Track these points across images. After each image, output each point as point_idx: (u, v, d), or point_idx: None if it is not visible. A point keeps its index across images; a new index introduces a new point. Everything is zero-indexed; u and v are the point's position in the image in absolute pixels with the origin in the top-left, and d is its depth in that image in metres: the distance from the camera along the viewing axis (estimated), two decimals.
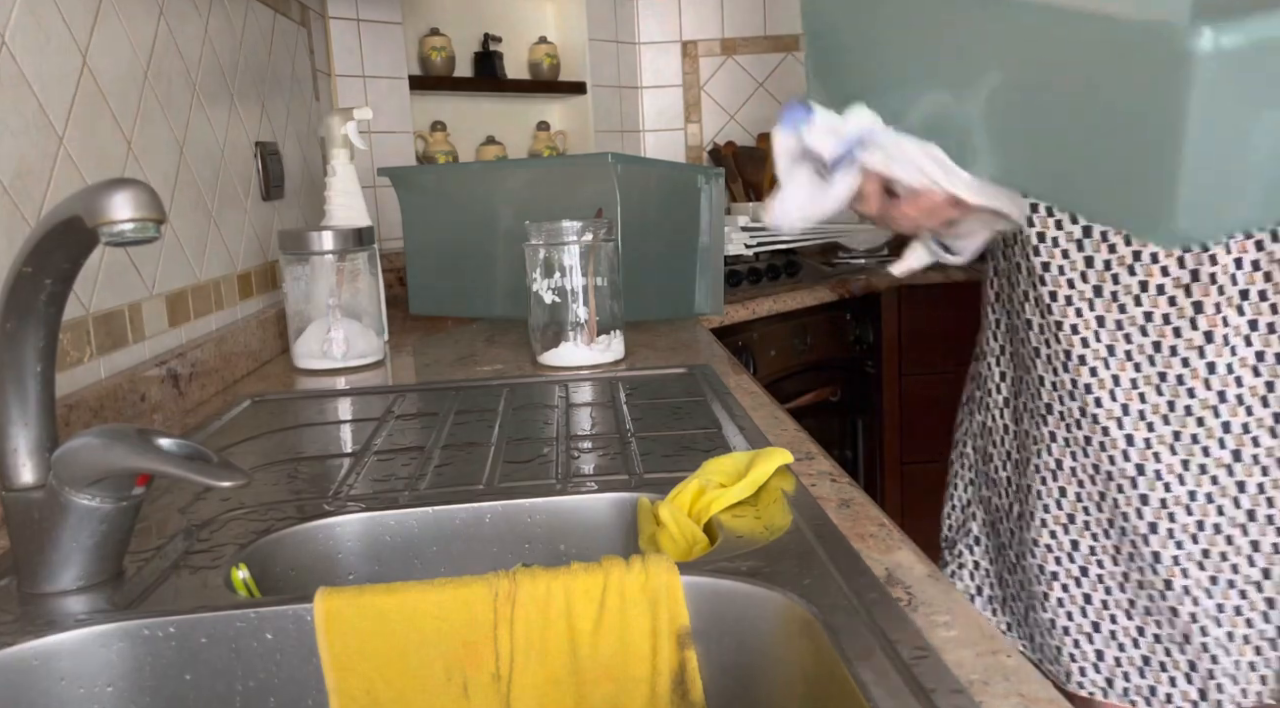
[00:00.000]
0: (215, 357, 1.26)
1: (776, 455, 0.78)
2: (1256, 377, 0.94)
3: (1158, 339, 0.96)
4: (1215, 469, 0.96)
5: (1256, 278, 0.93)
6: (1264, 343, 0.94)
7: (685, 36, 2.91)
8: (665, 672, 0.59)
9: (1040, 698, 0.46)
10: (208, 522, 0.76)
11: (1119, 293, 0.97)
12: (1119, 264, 0.97)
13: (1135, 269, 0.96)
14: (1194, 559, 0.97)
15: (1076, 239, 0.98)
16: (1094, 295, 0.99)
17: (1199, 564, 0.97)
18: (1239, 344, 0.94)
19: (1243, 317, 0.94)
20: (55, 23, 0.95)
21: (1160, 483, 0.97)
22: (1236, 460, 0.95)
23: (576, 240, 1.28)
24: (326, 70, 2.08)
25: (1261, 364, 0.94)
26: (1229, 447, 0.95)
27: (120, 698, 0.59)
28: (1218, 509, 0.96)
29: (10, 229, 0.85)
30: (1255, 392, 0.95)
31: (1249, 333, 0.94)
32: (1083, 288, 1.00)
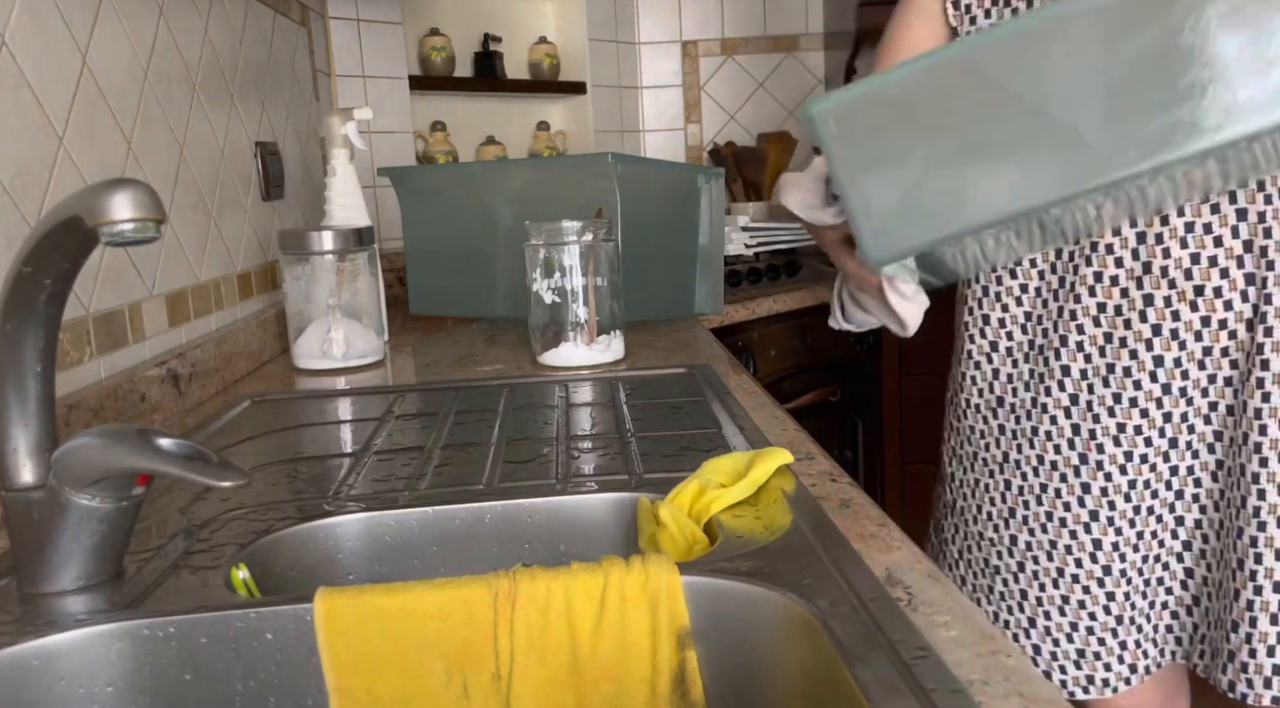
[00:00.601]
0: (215, 357, 1.26)
1: (776, 455, 0.78)
2: (1201, 369, 0.98)
3: (1109, 330, 1.00)
4: (1154, 457, 1.02)
5: (1212, 274, 0.96)
6: (1214, 338, 0.97)
7: (685, 36, 2.91)
8: (665, 672, 0.59)
9: (1040, 698, 0.46)
10: (208, 522, 0.76)
11: (1075, 283, 1.00)
12: (1078, 255, 1.00)
13: (1091, 260, 1.00)
14: (1130, 542, 1.03)
15: None
16: (1058, 286, 1.02)
17: (1134, 546, 1.03)
18: (1189, 339, 0.97)
19: (1195, 313, 0.97)
20: (55, 23, 0.95)
21: (1101, 473, 1.02)
22: (1173, 447, 1.01)
23: (576, 240, 1.28)
24: (326, 70, 2.08)
25: (1208, 359, 0.97)
26: (1168, 435, 1.01)
27: (120, 698, 0.59)
28: (1152, 493, 1.02)
29: (10, 229, 0.85)
30: (1198, 383, 0.99)
31: (1200, 329, 0.97)
32: (1049, 280, 1.03)
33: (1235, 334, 0.98)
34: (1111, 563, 1.04)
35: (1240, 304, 0.97)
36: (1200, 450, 1.02)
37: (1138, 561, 1.04)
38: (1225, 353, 0.98)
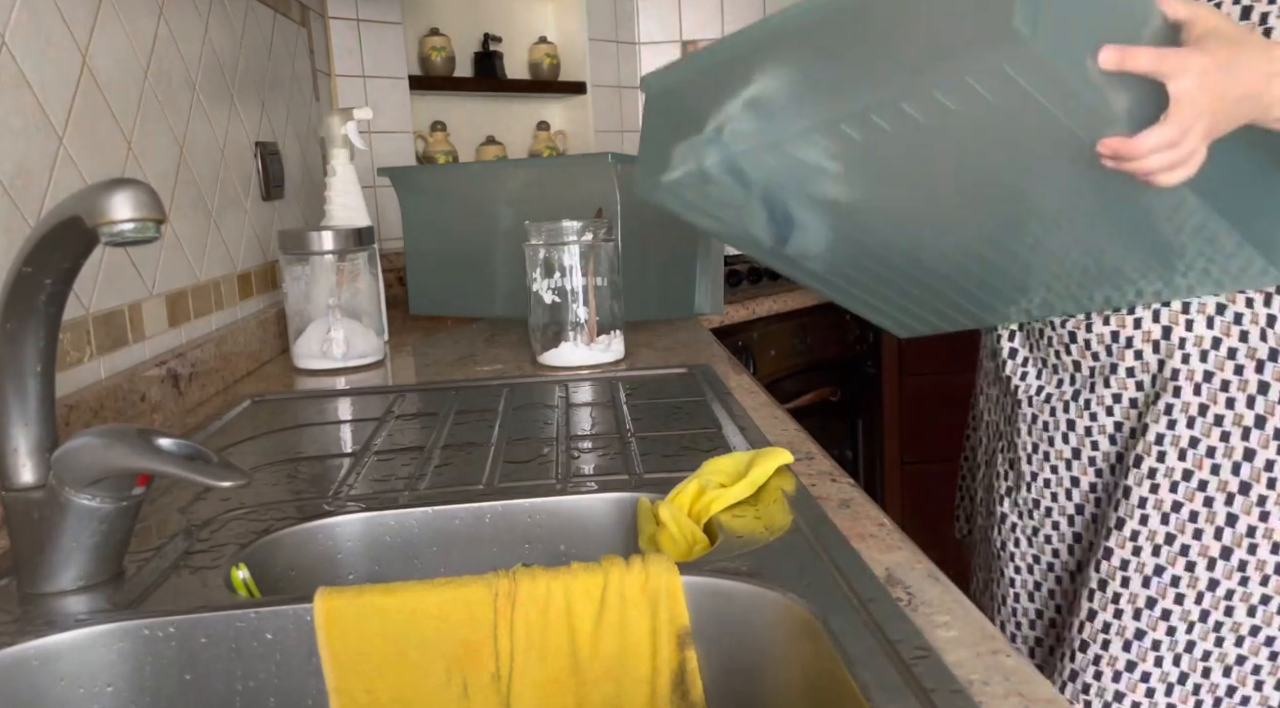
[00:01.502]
0: (215, 357, 1.26)
1: (776, 455, 0.78)
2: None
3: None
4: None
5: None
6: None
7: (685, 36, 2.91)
8: (665, 672, 0.59)
9: (1040, 698, 0.46)
10: (208, 522, 0.76)
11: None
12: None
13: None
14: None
15: None
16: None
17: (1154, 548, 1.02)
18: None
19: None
20: (55, 23, 0.95)
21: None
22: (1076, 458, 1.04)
23: (576, 240, 1.28)
24: (326, 70, 2.08)
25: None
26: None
27: (120, 698, 0.59)
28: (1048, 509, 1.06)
29: (10, 229, 0.85)
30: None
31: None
32: None
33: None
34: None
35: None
36: (1104, 470, 1.03)
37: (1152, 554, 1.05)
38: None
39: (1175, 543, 0.95)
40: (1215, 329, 0.95)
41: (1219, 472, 0.94)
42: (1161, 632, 0.95)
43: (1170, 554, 0.95)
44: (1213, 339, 0.95)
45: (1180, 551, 0.95)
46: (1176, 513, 0.95)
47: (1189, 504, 0.95)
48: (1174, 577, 0.95)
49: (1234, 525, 0.94)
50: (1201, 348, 0.95)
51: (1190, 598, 0.95)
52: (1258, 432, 0.94)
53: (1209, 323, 0.95)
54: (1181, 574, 0.95)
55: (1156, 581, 0.96)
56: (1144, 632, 0.96)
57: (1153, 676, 0.96)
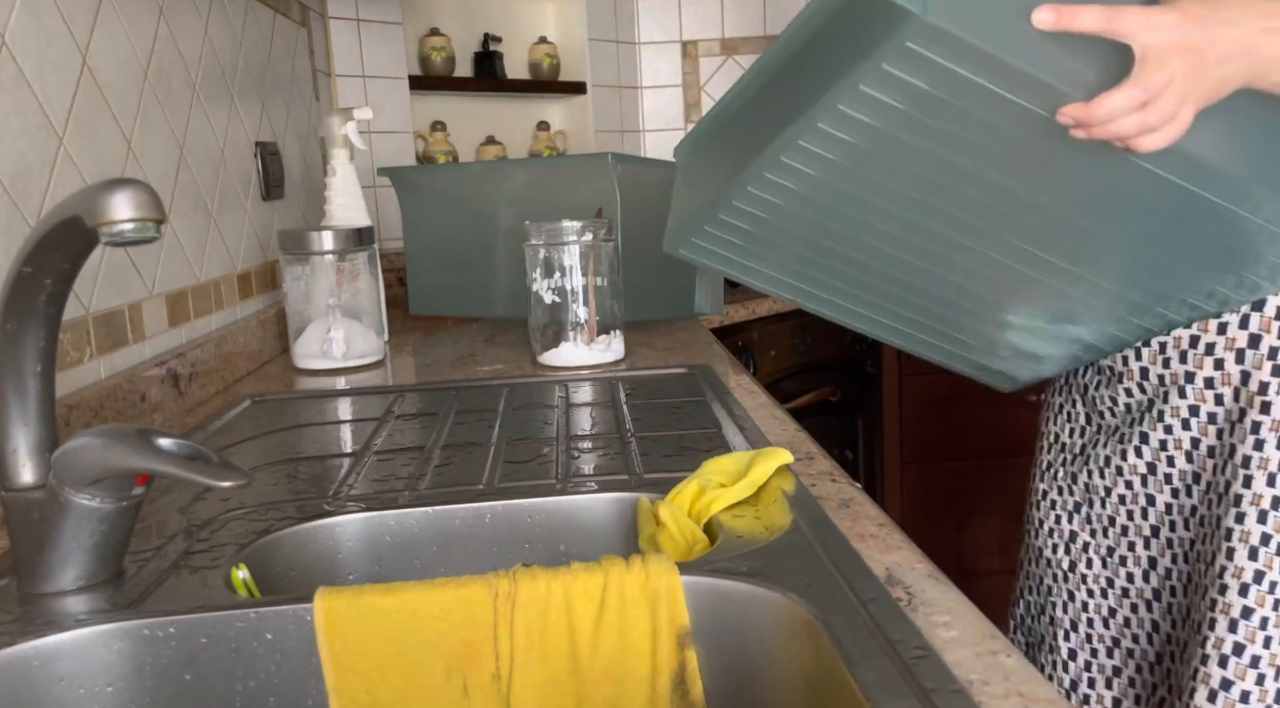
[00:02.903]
0: (215, 357, 1.26)
1: (776, 455, 0.78)
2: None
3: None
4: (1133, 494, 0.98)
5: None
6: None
7: (685, 36, 2.91)
8: (665, 672, 0.59)
9: (1040, 698, 0.46)
10: (208, 522, 0.76)
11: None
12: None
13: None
14: (1244, 576, 0.92)
15: None
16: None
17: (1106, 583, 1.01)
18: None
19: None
20: (55, 23, 0.95)
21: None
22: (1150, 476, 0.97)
23: (576, 240, 1.28)
24: (326, 70, 2.08)
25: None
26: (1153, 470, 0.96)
27: (120, 698, 0.59)
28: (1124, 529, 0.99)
29: (10, 229, 0.85)
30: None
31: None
32: None
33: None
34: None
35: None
36: (1180, 491, 0.95)
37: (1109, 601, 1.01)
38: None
39: (1264, 581, 0.86)
40: None
41: None
42: (1251, 680, 0.87)
43: (1259, 595, 0.86)
44: None
45: (1269, 588, 0.86)
46: (1266, 546, 0.86)
47: (1278, 536, 0.86)
48: (1263, 618, 0.86)
49: None
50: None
51: (1278, 640, 0.86)
52: None
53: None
54: (1270, 614, 0.86)
55: (1244, 624, 0.87)
56: (1231, 682, 0.87)
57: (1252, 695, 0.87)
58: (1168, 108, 0.69)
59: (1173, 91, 0.69)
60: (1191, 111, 0.71)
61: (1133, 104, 0.68)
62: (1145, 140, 0.70)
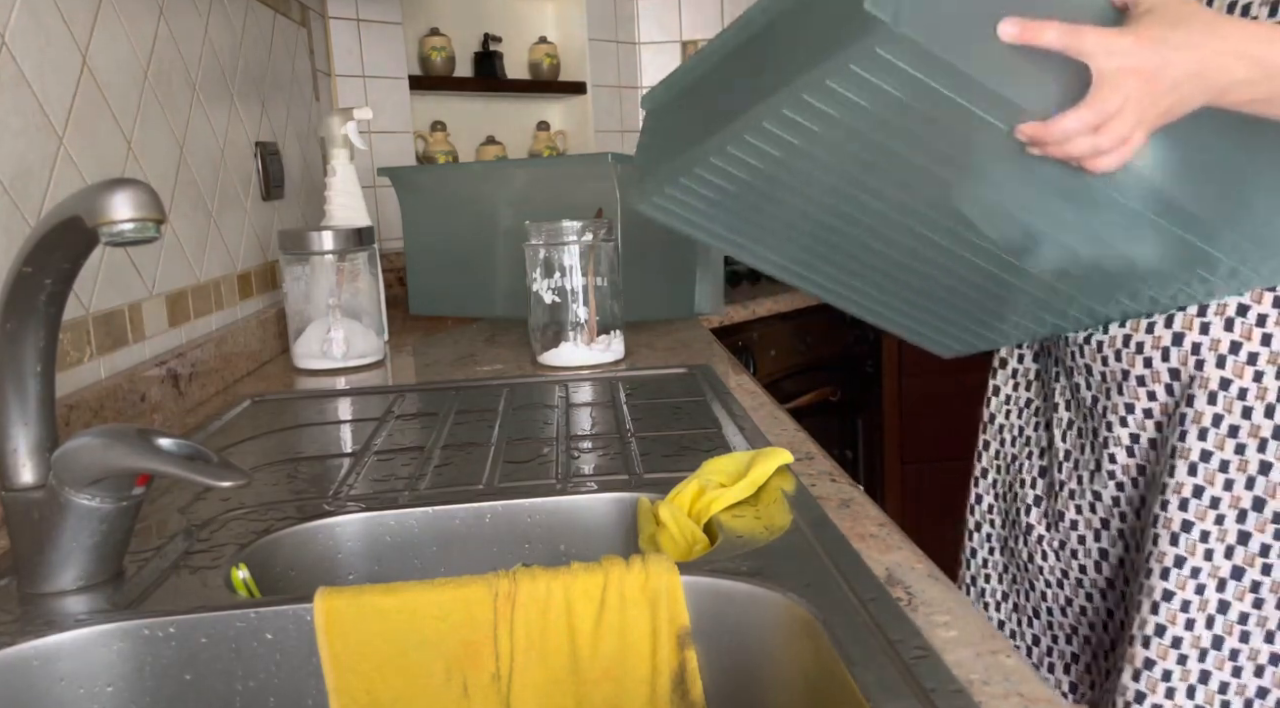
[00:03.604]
0: (215, 357, 1.26)
1: (776, 455, 0.78)
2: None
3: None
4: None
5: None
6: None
7: (685, 36, 2.91)
8: (665, 672, 0.59)
9: (1040, 698, 0.46)
10: (208, 522, 0.76)
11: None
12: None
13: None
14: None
15: None
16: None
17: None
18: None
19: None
20: (55, 23, 0.95)
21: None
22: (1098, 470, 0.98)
23: (576, 240, 1.28)
24: (326, 70, 2.08)
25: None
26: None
27: (120, 698, 0.59)
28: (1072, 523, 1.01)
29: (10, 229, 0.85)
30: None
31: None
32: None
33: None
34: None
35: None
36: (1125, 483, 0.97)
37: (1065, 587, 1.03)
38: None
39: (1185, 565, 0.89)
40: (1235, 332, 0.88)
41: (1232, 487, 0.88)
42: (1172, 660, 0.90)
43: (1179, 578, 0.90)
44: (1231, 343, 0.88)
45: (1190, 573, 0.89)
46: (1187, 533, 0.89)
47: (1199, 523, 0.89)
48: (1184, 601, 0.89)
49: (1246, 544, 0.88)
50: (1219, 353, 0.88)
51: (1200, 622, 0.89)
52: (1275, 443, 0.88)
53: (1228, 325, 0.88)
54: (1191, 598, 0.89)
55: (1165, 606, 0.90)
56: (1153, 661, 0.90)
57: (1177, 692, 0.89)
58: (1120, 131, 0.70)
59: (1125, 116, 0.70)
60: (1144, 134, 0.72)
61: (1086, 127, 0.70)
62: (1097, 162, 0.72)
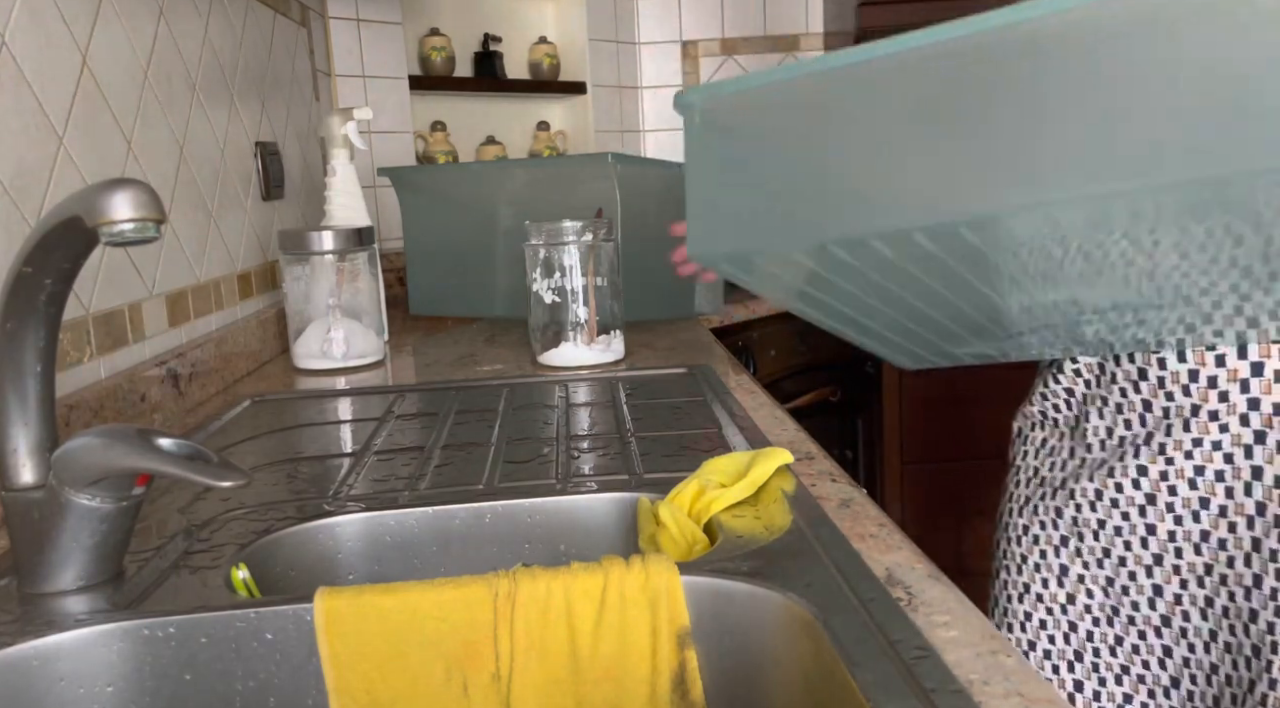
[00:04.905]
0: (215, 357, 1.26)
1: (776, 455, 0.78)
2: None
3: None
4: (1230, 446, 0.93)
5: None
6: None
7: (685, 36, 2.92)
8: (665, 672, 0.59)
9: (1040, 698, 0.46)
10: (208, 522, 0.76)
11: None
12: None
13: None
14: (1191, 539, 0.95)
15: None
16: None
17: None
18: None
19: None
20: (55, 23, 0.95)
21: (1162, 457, 0.95)
22: (1259, 442, 0.92)
23: (576, 240, 1.28)
24: (326, 70, 2.08)
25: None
26: (1252, 426, 0.92)
27: (120, 698, 0.59)
28: (1227, 491, 0.94)
29: (10, 229, 0.85)
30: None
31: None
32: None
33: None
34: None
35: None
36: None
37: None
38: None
39: None
40: None
41: None
42: None
43: None
44: None
45: None
46: None
47: None
48: None
49: None
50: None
51: None
52: None
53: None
54: None
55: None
56: None
57: None
58: None
59: None
60: None
61: None
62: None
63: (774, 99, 0.72)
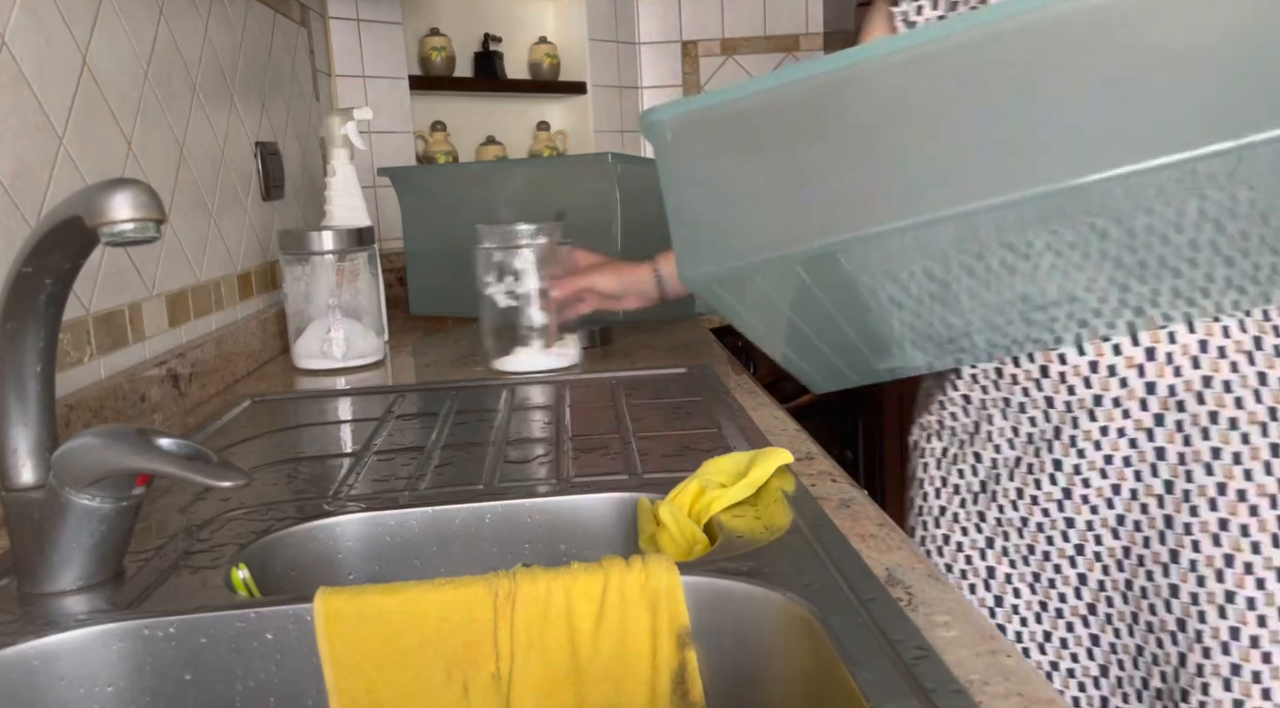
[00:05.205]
0: (215, 357, 1.26)
1: (776, 455, 0.78)
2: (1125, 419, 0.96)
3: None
4: (1134, 431, 0.97)
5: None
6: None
7: (685, 36, 2.92)
8: (665, 672, 0.59)
9: (1040, 698, 0.46)
10: (208, 522, 0.76)
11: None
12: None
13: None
14: (1108, 525, 0.98)
15: None
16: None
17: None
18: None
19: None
20: (55, 23, 0.95)
21: (1074, 449, 0.98)
22: (1159, 425, 0.95)
23: (530, 243, 1.26)
24: (326, 70, 2.08)
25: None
26: (1151, 409, 0.95)
27: (120, 698, 0.59)
28: (1135, 474, 0.97)
29: (10, 229, 0.85)
30: (1188, 350, 0.94)
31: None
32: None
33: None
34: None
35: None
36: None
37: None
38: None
39: (1236, 562, 0.89)
40: (1199, 332, 0.91)
41: (1252, 477, 0.90)
42: (1257, 660, 0.89)
43: (1236, 576, 0.90)
44: (1199, 343, 0.90)
45: (1244, 569, 0.89)
46: (1226, 531, 0.90)
47: (1234, 518, 0.90)
48: (1249, 599, 0.89)
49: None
50: (1190, 355, 0.91)
51: (1272, 617, 0.89)
52: (1275, 424, 0.90)
53: (1190, 327, 0.91)
54: (1255, 594, 0.89)
55: (1231, 608, 0.90)
56: (1239, 666, 0.90)
57: (1273, 692, 0.89)
58: None
59: None
60: None
61: None
62: None
63: (739, 112, 0.74)
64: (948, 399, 1.09)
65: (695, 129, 0.75)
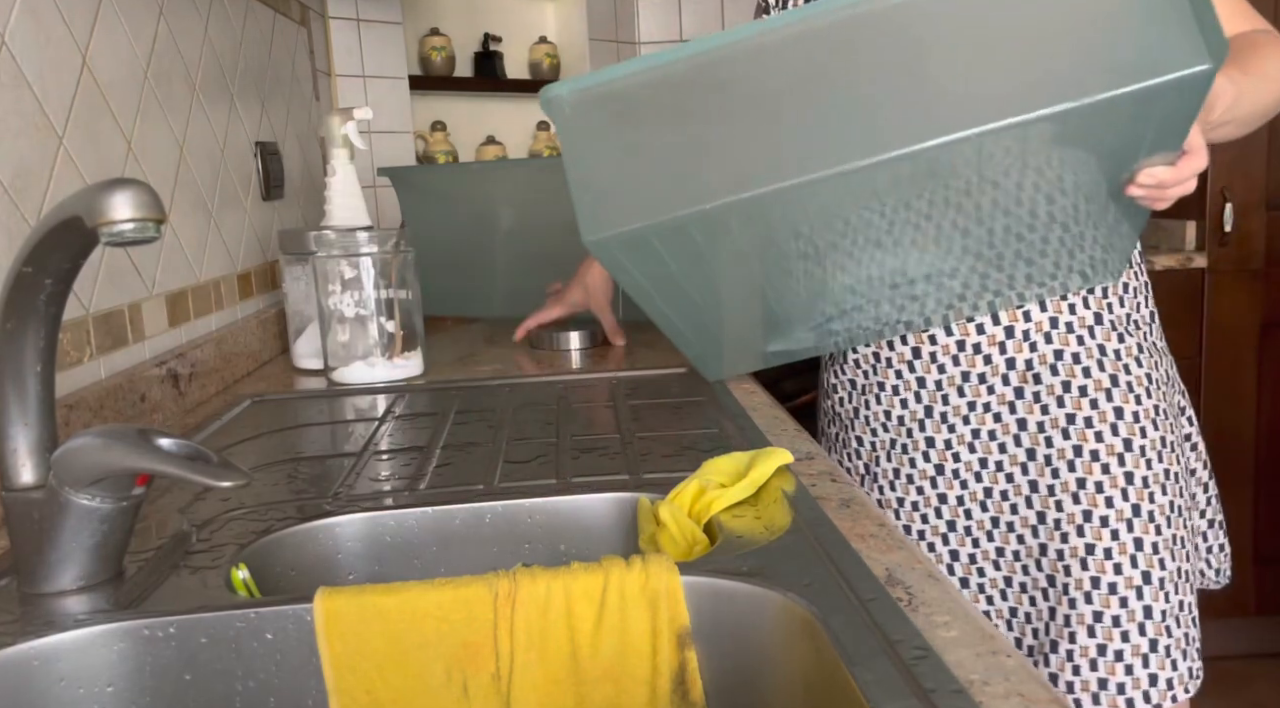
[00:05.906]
0: (215, 357, 1.26)
1: (776, 455, 0.78)
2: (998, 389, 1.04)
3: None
4: (998, 406, 1.05)
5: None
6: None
7: (685, 36, 2.91)
8: (665, 672, 0.59)
9: (1040, 698, 0.46)
10: (208, 522, 0.76)
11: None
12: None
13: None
14: (977, 498, 1.06)
15: None
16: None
17: (981, 504, 1.07)
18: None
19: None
20: (55, 23, 0.95)
21: (945, 425, 1.05)
22: (1019, 397, 1.04)
23: (370, 252, 1.23)
24: (326, 70, 2.08)
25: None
26: (1012, 383, 1.04)
27: (120, 698, 0.59)
28: (1000, 447, 1.05)
29: (10, 229, 0.85)
30: (1041, 327, 1.03)
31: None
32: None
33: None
34: (956, 518, 1.08)
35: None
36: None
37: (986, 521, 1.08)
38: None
39: (1094, 518, 0.99)
40: (1049, 309, 1.01)
41: (1103, 438, 0.99)
42: (1116, 606, 0.98)
43: (1094, 530, 0.99)
44: (1050, 320, 1.01)
45: (1100, 522, 0.99)
46: (1084, 489, 0.99)
47: (1090, 477, 0.99)
48: (1106, 549, 0.99)
49: (1133, 482, 0.98)
50: (1044, 331, 1.01)
51: (1126, 564, 0.98)
52: (1117, 389, 1.00)
53: (1042, 305, 1.01)
54: (1111, 544, 0.99)
55: (1092, 560, 0.99)
56: (1101, 613, 0.98)
57: (1125, 651, 0.97)
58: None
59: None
60: None
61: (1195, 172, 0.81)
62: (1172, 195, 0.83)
63: (628, 88, 0.82)
64: (838, 383, 1.16)
65: (590, 105, 0.82)
